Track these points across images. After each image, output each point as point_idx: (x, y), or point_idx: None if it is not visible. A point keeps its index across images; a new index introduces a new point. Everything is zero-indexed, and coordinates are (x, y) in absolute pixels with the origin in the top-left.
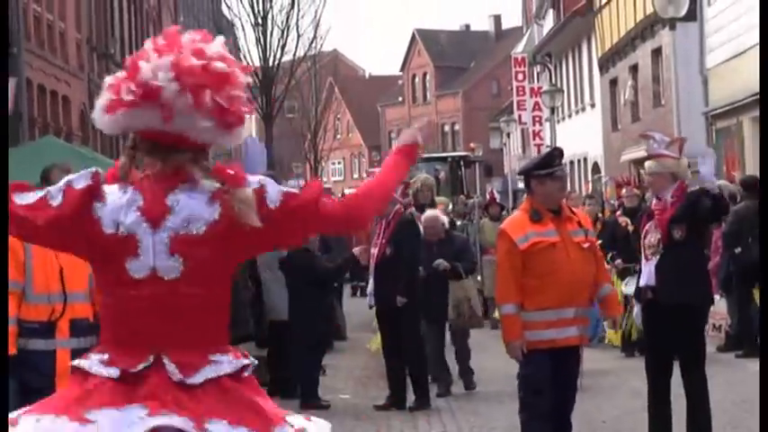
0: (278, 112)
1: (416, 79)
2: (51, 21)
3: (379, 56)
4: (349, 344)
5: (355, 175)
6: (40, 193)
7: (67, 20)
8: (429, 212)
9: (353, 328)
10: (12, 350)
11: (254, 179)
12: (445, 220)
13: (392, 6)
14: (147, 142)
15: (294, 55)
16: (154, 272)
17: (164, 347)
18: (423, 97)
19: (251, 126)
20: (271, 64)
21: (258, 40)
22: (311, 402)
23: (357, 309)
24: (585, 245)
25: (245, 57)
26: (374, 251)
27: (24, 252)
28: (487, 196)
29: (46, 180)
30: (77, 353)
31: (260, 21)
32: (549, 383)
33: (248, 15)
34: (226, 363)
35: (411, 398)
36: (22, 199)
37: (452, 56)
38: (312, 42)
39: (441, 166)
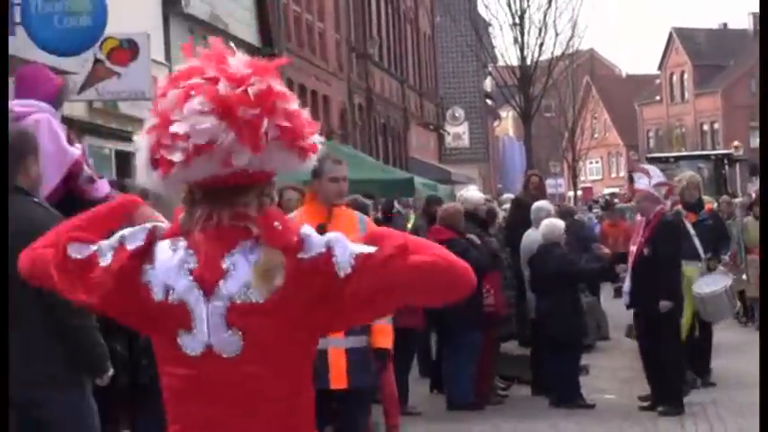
0: (536, 112)
1: (674, 78)
2: (311, 21)
3: (635, 54)
4: (612, 344)
5: (613, 174)
6: (93, 248)
7: (326, 20)
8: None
9: (615, 328)
10: None
11: (321, 239)
12: None
13: (649, 5)
14: (207, 189)
15: (552, 54)
16: (210, 349)
17: None
18: (681, 96)
19: (507, 125)
20: (528, 63)
21: (515, 40)
22: (572, 402)
23: (619, 309)
24: None
25: (501, 56)
26: (633, 249)
27: None
28: (752, 195)
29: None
30: (353, 352)
31: (517, 20)
32: None
33: (505, 15)
34: None
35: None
36: (75, 251)
37: (711, 54)
38: (570, 41)
39: (704, 164)
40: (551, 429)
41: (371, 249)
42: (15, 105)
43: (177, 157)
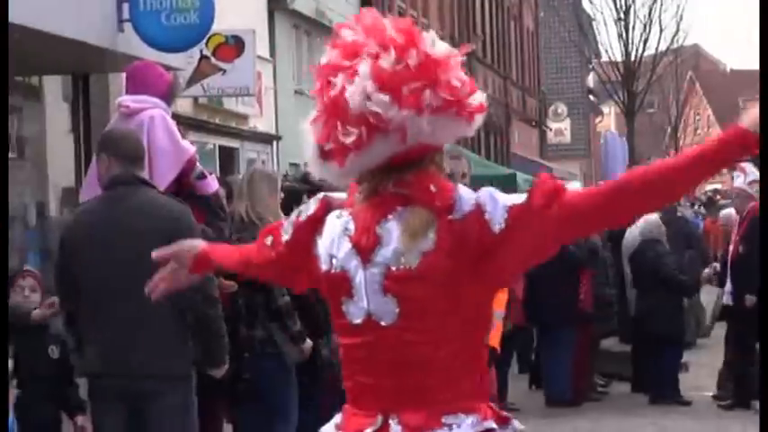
0: (639, 107)
1: None
2: (415, 17)
3: (739, 49)
4: (711, 341)
5: None
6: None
7: (431, 16)
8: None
9: (718, 325)
10: None
11: (470, 197)
12: None
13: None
14: (381, 167)
15: (656, 49)
16: (370, 317)
17: (392, 406)
18: None
19: (610, 121)
20: (633, 58)
21: (620, 35)
22: (671, 399)
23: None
24: None
25: (606, 51)
26: (731, 248)
27: None
28: None
29: None
30: None
31: (622, 15)
32: None
33: (610, 10)
34: (466, 426)
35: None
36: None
37: None
38: (674, 36)
39: None
40: (651, 426)
41: (522, 199)
42: (129, 101)
43: (348, 138)
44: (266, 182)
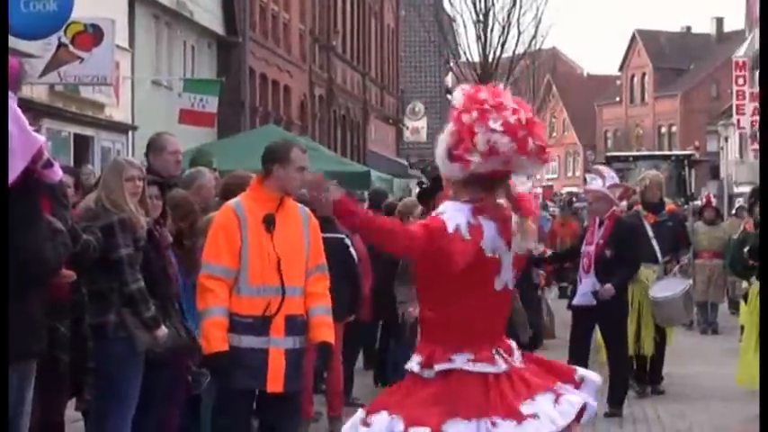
0: None
1: (635, 79)
2: (276, 12)
3: (597, 55)
4: (558, 342)
5: (569, 174)
6: (452, 227)
7: (292, 11)
8: None
9: (562, 326)
10: (223, 346)
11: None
12: None
13: (613, 6)
14: (482, 178)
15: (513, 52)
16: (506, 284)
17: (496, 341)
18: (641, 98)
19: None
20: (490, 60)
21: (478, 37)
22: None
23: (564, 308)
24: None
25: (464, 53)
26: (589, 249)
27: (242, 239)
28: (703, 200)
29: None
30: (292, 353)
31: (481, 17)
32: None
33: (470, 12)
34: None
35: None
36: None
37: (672, 57)
38: (533, 40)
39: (663, 164)
40: None
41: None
42: None
43: (476, 158)
44: (117, 171)
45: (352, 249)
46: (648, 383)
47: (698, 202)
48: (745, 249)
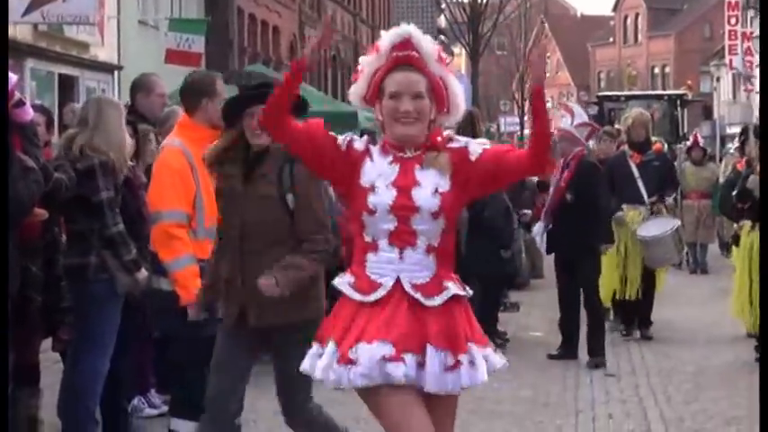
0: (484, 49)
1: (628, 20)
2: None
3: None
4: (546, 281)
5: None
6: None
7: None
8: None
9: (551, 267)
10: (191, 297)
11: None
12: None
13: None
14: None
15: None
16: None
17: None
18: (634, 38)
19: (461, 61)
20: (479, 0)
21: None
22: (489, 336)
23: None
24: None
25: None
26: (551, 191)
27: (195, 183)
28: (691, 139)
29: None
30: None
31: None
32: None
33: None
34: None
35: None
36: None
37: None
38: None
39: (656, 104)
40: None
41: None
42: None
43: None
44: (116, 112)
45: None
46: (637, 328)
47: (688, 142)
48: (734, 193)
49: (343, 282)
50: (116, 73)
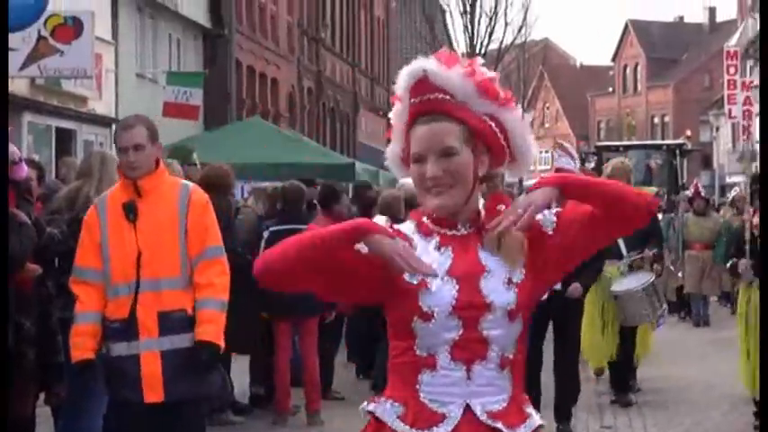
0: None
1: (627, 70)
2: (263, 3)
3: (590, 45)
4: None
5: None
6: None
7: (279, 3)
8: None
9: None
10: (86, 354)
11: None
12: None
13: None
14: None
15: (501, 43)
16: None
17: None
18: (633, 88)
19: None
20: (477, 51)
21: (466, 27)
22: None
23: None
24: None
25: (452, 44)
26: None
27: (101, 235)
28: (691, 189)
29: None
30: (170, 355)
31: (468, 8)
32: None
33: (457, 2)
34: None
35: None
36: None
37: (665, 47)
38: (520, 30)
39: (655, 154)
40: None
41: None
42: None
43: None
44: (115, 164)
45: None
46: (617, 392)
47: (688, 192)
48: (728, 265)
49: (386, 411)
50: (114, 126)
